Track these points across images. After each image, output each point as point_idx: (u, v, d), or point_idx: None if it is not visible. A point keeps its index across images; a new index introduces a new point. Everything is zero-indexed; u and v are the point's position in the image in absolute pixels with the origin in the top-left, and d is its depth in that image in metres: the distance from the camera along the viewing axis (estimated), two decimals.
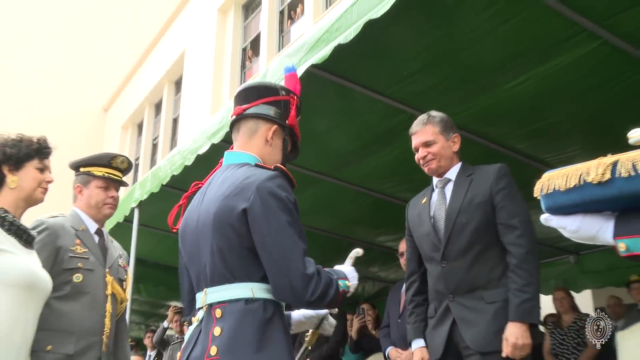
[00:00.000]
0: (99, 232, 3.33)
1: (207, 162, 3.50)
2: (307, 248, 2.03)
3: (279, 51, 13.83)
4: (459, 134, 3.31)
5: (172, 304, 9.23)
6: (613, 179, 1.68)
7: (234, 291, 1.99)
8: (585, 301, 8.37)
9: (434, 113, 3.29)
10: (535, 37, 3.59)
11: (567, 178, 1.78)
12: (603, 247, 6.43)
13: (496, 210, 3.04)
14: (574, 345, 6.18)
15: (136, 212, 5.81)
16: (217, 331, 1.94)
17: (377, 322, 6.34)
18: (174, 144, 18.19)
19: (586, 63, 3.72)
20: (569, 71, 3.79)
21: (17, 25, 22.13)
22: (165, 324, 9.23)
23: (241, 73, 15.83)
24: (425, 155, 3.23)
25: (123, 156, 3.44)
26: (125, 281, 3.40)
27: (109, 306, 3.17)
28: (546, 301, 6.06)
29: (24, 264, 2.48)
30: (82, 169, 3.37)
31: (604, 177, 1.69)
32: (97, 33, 23.78)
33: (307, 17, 13.12)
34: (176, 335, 8.61)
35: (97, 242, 3.27)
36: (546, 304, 5.77)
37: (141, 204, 5.72)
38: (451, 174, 3.25)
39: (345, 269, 2.22)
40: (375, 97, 4.14)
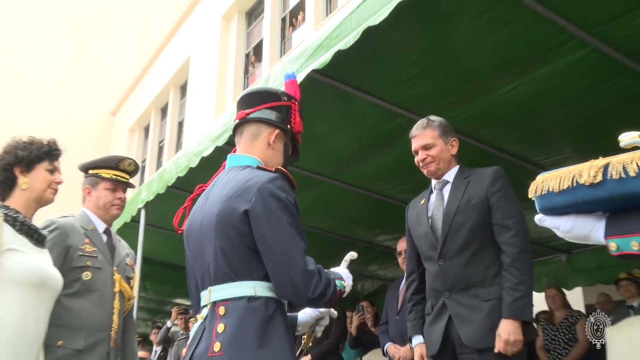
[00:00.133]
0: (107, 232, 3.32)
1: (212, 164, 3.51)
2: (308, 247, 2.02)
3: (280, 57, 13.84)
4: (456, 137, 3.31)
5: (176, 301, 9.24)
6: (604, 180, 1.68)
7: (236, 289, 1.98)
8: (576, 298, 8.38)
9: (433, 117, 3.30)
10: (528, 44, 3.60)
11: (560, 180, 1.78)
12: (593, 247, 6.43)
13: (492, 211, 3.04)
14: (565, 341, 6.18)
15: (143, 213, 5.81)
16: (220, 328, 1.94)
17: (376, 318, 6.34)
18: (179, 146, 18.21)
19: (577, 69, 3.73)
20: (560, 76, 3.79)
21: (30, 34, 22.17)
22: (168, 323, 9.25)
23: (244, 78, 15.85)
24: (424, 158, 3.24)
25: (130, 159, 3.44)
26: (132, 279, 3.39)
27: (116, 303, 3.17)
28: (539, 298, 6.06)
29: (35, 262, 2.47)
30: (90, 171, 3.37)
31: (595, 179, 1.69)
32: (105, 40, 23.82)
33: (308, 24, 13.14)
34: (181, 332, 8.61)
35: (105, 241, 3.27)
36: (539, 301, 5.76)
37: (148, 205, 5.72)
38: (449, 176, 3.26)
39: (341, 270, 2.22)
40: (374, 102, 4.13)
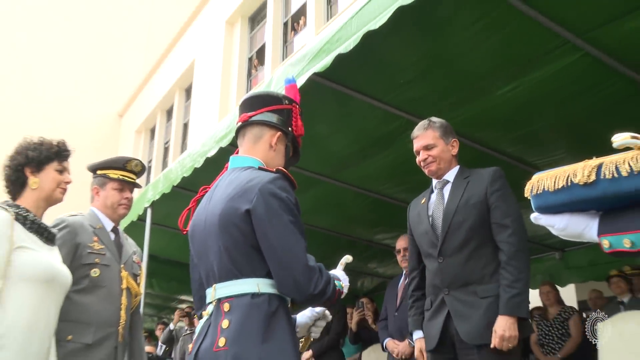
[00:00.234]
0: (114, 230, 3.33)
1: (216, 164, 3.50)
2: (309, 246, 2.03)
3: (282, 60, 13.84)
4: (457, 139, 3.32)
5: (181, 298, 9.25)
6: (598, 180, 1.68)
7: (240, 286, 1.99)
8: (569, 295, 8.39)
9: (434, 119, 3.31)
10: (522, 49, 3.61)
11: (555, 179, 1.78)
12: (586, 245, 6.43)
13: (490, 210, 3.05)
14: (558, 336, 6.18)
15: (149, 212, 5.80)
16: (225, 324, 1.94)
17: (376, 315, 6.34)
18: (184, 147, 18.21)
19: (570, 72, 3.73)
20: (553, 80, 3.80)
21: (41, 40, 22.20)
22: (171, 326, 9.26)
23: (247, 81, 15.85)
24: (425, 158, 3.25)
25: (137, 160, 3.45)
26: (139, 276, 3.40)
27: (124, 299, 3.17)
28: (533, 295, 6.05)
29: (44, 260, 2.48)
30: (99, 172, 3.38)
31: (589, 179, 1.69)
32: (113, 45, 23.83)
33: (310, 28, 13.14)
34: (186, 328, 8.62)
35: (113, 239, 3.28)
36: (533, 298, 5.76)
37: (154, 204, 5.71)
38: (449, 176, 3.26)
39: (338, 273, 2.22)
40: (374, 104, 4.13)
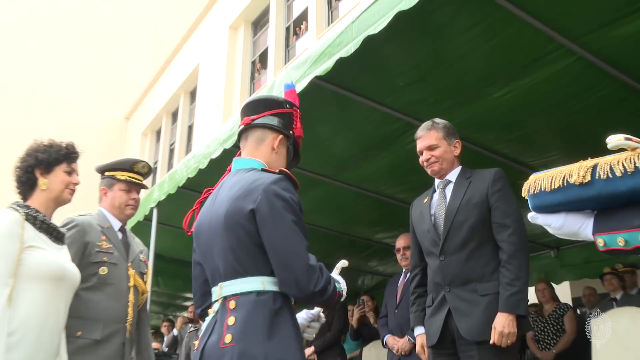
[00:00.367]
0: (122, 230, 3.33)
1: (220, 165, 3.50)
2: (311, 244, 2.03)
3: (285, 64, 13.84)
4: (460, 140, 3.32)
5: (187, 295, 9.23)
6: (593, 180, 1.68)
7: (246, 284, 1.99)
8: (564, 292, 8.39)
9: (437, 120, 3.31)
10: (518, 53, 3.61)
11: (552, 179, 1.78)
12: (580, 243, 6.44)
13: (491, 210, 3.05)
14: (553, 332, 6.19)
15: (155, 212, 5.80)
16: (231, 321, 1.94)
17: (376, 312, 6.34)
18: (189, 149, 18.22)
19: (564, 76, 3.74)
20: (548, 83, 3.80)
21: (50, 45, 22.23)
22: (175, 331, 9.27)
23: (250, 84, 15.86)
24: (428, 158, 3.24)
25: (144, 162, 3.45)
26: (145, 274, 3.40)
27: (131, 297, 3.17)
28: (529, 292, 6.05)
29: (54, 259, 2.48)
30: (107, 173, 3.38)
31: (585, 179, 1.69)
32: (120, 50, 23.86)
33: (311, 33, 13.15)
34: (190, 325, 8.61)
35: (120, 238, 3.28)
36: (529, 295, 5.76)
37: (159, 204, 5.71)
38: (452, 176, 3.26)
39: (335, 276, 2.20)
40: (374, 106, 4.13)
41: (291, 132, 2.29)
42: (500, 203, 3.03)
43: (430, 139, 3.25)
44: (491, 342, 2.85)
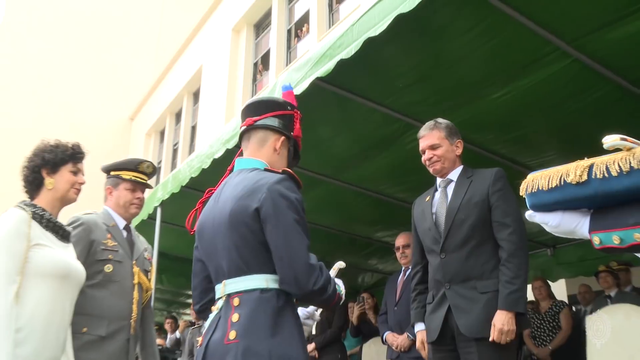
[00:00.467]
0: (127, 228, 3.33)
1: (222, 165, 3.48)
2: (312, 243, 2.03)
3: (286, 66, 13.84)
4: (462, 140, 3.31)
5: (190, 293, 9.23)
6: (589, 179, 1.68)
7: (249, 282, 1.99)
8: (560, 289, 8.38)
9: (440, 120, 3.31)
10: (515, 55, 3.60)
11: (549, 179, 1.79)
12: (576, 241, 6.45)
13: (492, 209, 3.04)
14: (549, 329, 6.20)
15: (159, 211, 5.80)
16: (235, 317, 1.94)
17: (376, 309, 6.34)
18: (192, 149, 18.22)
19: (560, 78, 3.74)
20: (545, 85, 3.80)
21: (56, 47, 22.26)
22: (177, 334, 9.28)
23: (252, 85, 15.85)
24: (431, 157, 3.24)
25: (148, 162, 3.45)
26: (149, 272, 3.40)
27: (135, 294, 3.17)
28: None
29: (60, 256, 2.49)
30: (112, 173, 3.38)
31: (581, 178, 1.69)
32: (124, 52, 23.89)
33: (312, 35, 13.14)
34: (194, 321, 8.62)
35: (125, 237, 3.28)
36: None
37: (163, 204, 5.71)
38: (453, 175, 3.25)
39: (333, 278, 2.20)
40: (374, 107, 4.13)
41: (291, 133, 2.29)
42: (500, 202, 3.03)
43: (433, 138, 3.24)
44: (490, 339, 2.84)
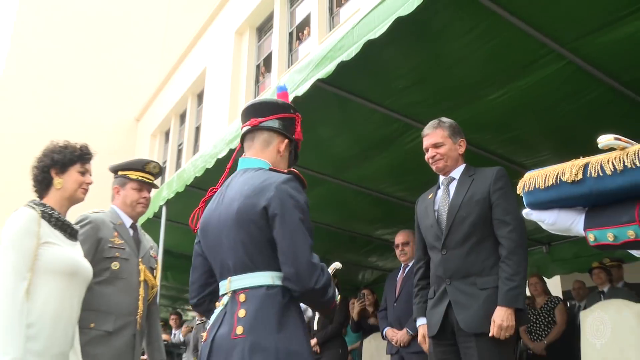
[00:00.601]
0: (133, 227, 3.34)
1: (226, 165, 3.50)
2: (314, 241, 2.03)
3: (288, 68, 13.83)
4: (465, 139, 3.31)
5: (187, 323, 9.30)
6: (584, 178, 1.68)
7: (256, 279, 1.99)
8: (555, 285, 8.38)
9: (444, 119, 3.31)
10: (511, 57, 3.61)
11: (545, 177, 1.78)
12: (570, 239, 6.46)
13: (492, 207, 3.04)
14: (545, 324, 6.21)
15: (164, 209, 5.80)
16: (241, 313, 1.94)
17: (376, 305, 6.34)
18: (196, 149, 18.21)
19: (554, 80, 3.74)
20: (540, 86, 3.80)
21: (64, 51, 22.25)
22: (181, 337, 9.31)
23: (255, 87, 15.85)
24: (434, 155, 3.24)
25: (155, 162, 3.46)
26: (155, 269, 3.41)
27: (141, 291, 3.18)
28: None
29: (68, 254, 2.49)
30: (119, 172, 3.39)
31: (577, 177, 1.69)
32: (130, 55, 23.89)
33: (313, 37, 13.13)
34: (197, 318, 8.62)
35: (132, 235, 3.28)
36: None
37: (168, 202, 5.71)
38: (456, 173, 3.25)
39: None
40: (373, 108, 4.13)
41: (293, 135, 2.30)
42: (501, 201, 3.03)
43: (436, 136, 3.24)
44: (490, 334, 2.84)
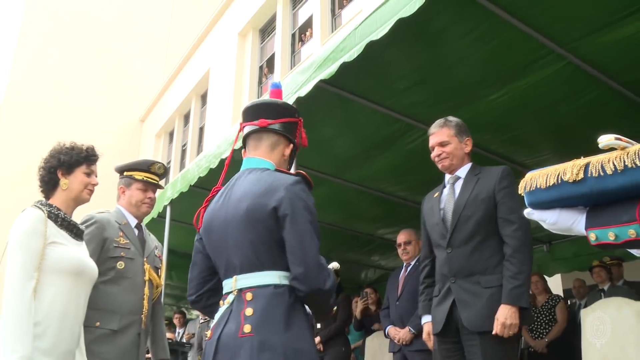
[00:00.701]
0: (138, 227, 3.34)
1: (230, 165, 3.50)
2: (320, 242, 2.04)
3: (291, 69, 13.82)
4: (471, 138, 3.29)
5: (190, 330, 9.32)
6: (585, 178, 1.68)
7: (263, 278, 1.99)
8: (555, 284, 8.37)
9: (450, 118, 3.28)
10: (511, 58, 3.61)
11: (547, 177, 1.78)
12: (571, 238, 6.45)
13: (497, 206, 3.02)
14: (546, 322, 6.20)
15: (168, 209, 5.81)
16: (248, 312, 1.94)
17: (378, 303, 6.34)
18: (200, 149, 18.21)
19: (554, 80, 3.75)
20: (539, 87, 3.81)
21: (70, 53, 22.26)
22: (183, 338, 9.30)
23: (258, 88, 15.85)
24: (439, 154, 3.22)
25: (160, 163, 3.46)
26: (160, 269, 3.41)
27: (146, 290, 3.18)
28: None
29: (73, 254, 2.49)
30: (125, 173, 3.39)
31: (578, 177, 1.68)
32: (135, 56, 23.91)
33: (316, 39, 13.12)
34: (200, 317, 8.62)
35: (137, 234, 3.28)
36: None
37: (172, 202, 5.72)
38: (461, 172, 3.23)
39: None
40: (375, 108, 4.13)
41: (297, 140, 2.31)
42: (506, 199, 3.01)
43: (442, 135, 3.22)
44: (494, 332, 2.83)
